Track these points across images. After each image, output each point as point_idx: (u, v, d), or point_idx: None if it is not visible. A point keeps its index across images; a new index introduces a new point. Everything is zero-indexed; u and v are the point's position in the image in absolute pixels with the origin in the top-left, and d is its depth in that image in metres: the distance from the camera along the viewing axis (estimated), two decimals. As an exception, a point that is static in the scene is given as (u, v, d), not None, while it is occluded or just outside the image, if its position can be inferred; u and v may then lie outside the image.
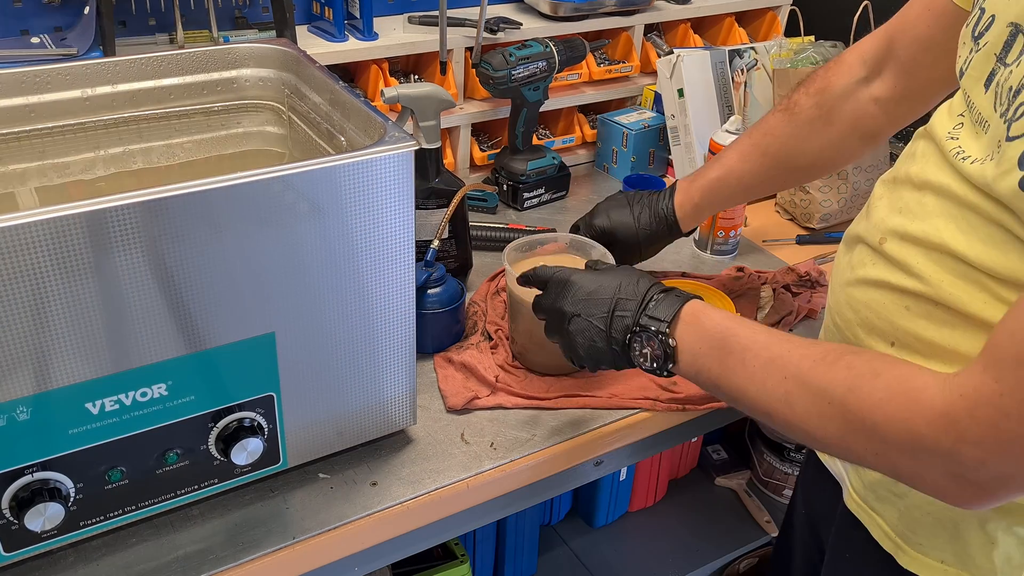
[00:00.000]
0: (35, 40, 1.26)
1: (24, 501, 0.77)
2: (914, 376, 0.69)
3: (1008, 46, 0.72)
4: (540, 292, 0.98)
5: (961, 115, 0.81)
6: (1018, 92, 0.69)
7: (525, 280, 1.00)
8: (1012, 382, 0.62)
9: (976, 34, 0.78)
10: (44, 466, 0.78)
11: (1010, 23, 0.72)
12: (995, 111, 0.72)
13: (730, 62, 1.61)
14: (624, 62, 1.73)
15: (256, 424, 0.87)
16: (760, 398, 0.78)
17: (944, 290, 0.76)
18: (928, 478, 0.69)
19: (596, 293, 0.91)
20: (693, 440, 1.90)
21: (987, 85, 0.75)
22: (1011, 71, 0.71)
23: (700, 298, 0.88)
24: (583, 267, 0.97)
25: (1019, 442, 0.62)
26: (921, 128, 0.88)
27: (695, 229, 1.23)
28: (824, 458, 1.02)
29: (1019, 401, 0.61)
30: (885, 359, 0.73)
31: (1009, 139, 0.68)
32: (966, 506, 0.69)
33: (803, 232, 1.53)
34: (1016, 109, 0.69)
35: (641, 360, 0.88)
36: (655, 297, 0.88)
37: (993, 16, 0.76)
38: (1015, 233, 0.69)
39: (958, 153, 0.77)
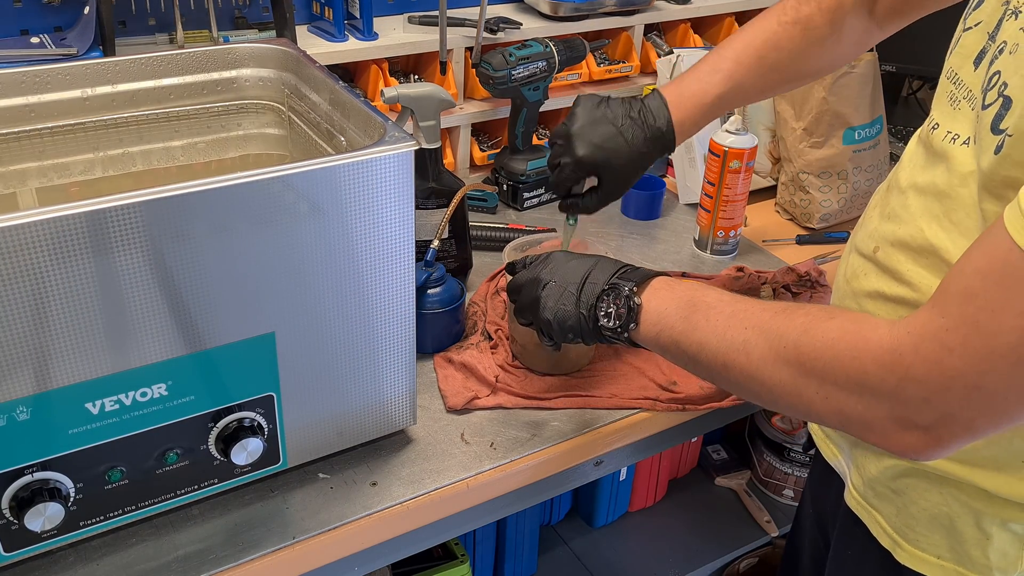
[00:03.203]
0: (35, 40, 1.26)
1: (24, 501, 0.77)
2: (867, 319, 0.70)
3: (1000, 24, 0.73)
4: None
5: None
6: (992, 60, 0.70)
7: (511, 268, 1.02)
8: (956, 317, 0.61)
9: (965, 14, 0.80)
10: (44, 466, 0.78)
11: (1003, 1, 0.73)
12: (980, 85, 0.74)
13: (730, 62, 1.61)
14: (624, 62, 1.73)
15: (256, 424, 0.87)
16: (720, 348, 0.79)
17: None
18: (875, 423, 0.68)
19: (573, 265, 0.93)
20: (693, 440, 1.90)
21: (976, 63, 0.76)
22: (994, 42, 0.73)
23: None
24: None
25: (961, 379, 0.62)
26: (915, 134, 0.90)
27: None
28: (828, 455, 1.02)
29: (963, 336, 0.61)
30: (843, 308, 0.74)
31: (985, 106, 0.70)
32: (913, 456, 0.68)
33: (803, 232, 1.53)
34: (991, 79, 0.70)
35: (604, 320, 0.89)
36: (628, 269, 0.91)
37: None
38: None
39: (953, 139, 0.78)
